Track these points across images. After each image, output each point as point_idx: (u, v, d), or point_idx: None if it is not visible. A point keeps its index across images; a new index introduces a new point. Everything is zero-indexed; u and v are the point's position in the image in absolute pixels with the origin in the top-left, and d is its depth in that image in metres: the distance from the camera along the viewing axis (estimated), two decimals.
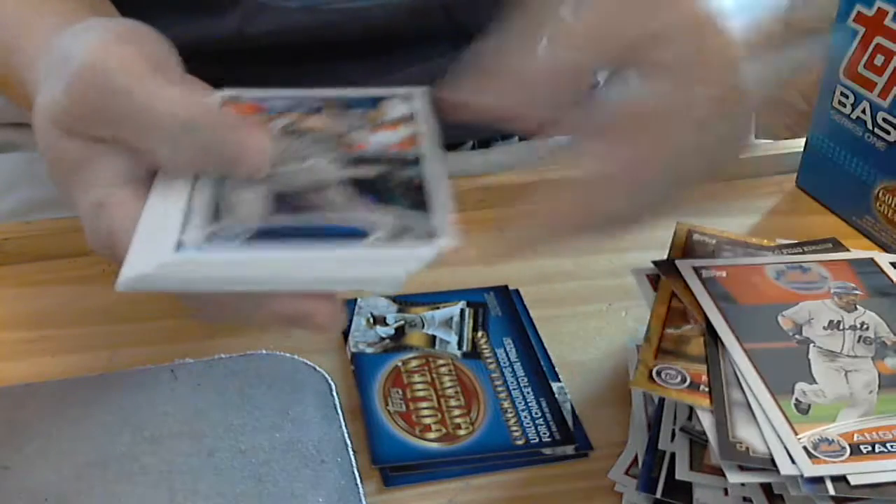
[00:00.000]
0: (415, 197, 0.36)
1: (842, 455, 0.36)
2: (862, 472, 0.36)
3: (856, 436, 0.37)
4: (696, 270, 0.45)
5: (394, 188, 0.36)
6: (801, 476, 0.35)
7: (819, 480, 0.35)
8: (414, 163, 0.37)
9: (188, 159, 0.36)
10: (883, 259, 0.47)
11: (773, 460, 0.36)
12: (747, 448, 0.36)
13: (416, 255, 0.33)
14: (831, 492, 0.35)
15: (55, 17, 0.43)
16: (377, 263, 0.33)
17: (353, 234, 0.34)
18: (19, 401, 0.44)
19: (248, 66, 0.36)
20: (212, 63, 0.40)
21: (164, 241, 0.34)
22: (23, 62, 0.43)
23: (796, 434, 0.37)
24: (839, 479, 0.35)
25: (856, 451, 0.36)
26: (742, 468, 0.36)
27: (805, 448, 0.36)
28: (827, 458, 0.36)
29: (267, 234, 0.34)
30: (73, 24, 0.39)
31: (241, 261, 0.33)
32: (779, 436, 0.37)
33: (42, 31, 0.42)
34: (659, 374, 0.40)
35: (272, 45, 0.57)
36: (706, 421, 0.38)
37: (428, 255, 0.33)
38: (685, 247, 0.48)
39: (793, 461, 0.36)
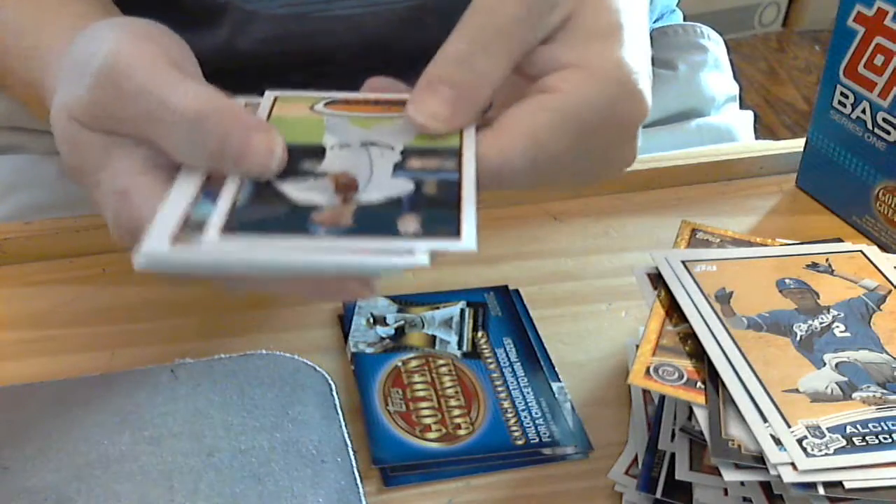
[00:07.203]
0: (447, 192, 0.35)
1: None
2: (852, 468, 0.36)
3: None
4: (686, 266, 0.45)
5: (429, 184, 0.35)
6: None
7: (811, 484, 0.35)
8: (452, 154, 0.36)
9: (199, 156, 0.35)
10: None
11: (763, 458, 0.36)
12: (739, 446, 0.36)
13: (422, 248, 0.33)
14: (821, 492, 0.35)
15: (71, 19, 0.43)
16: (378, 252, 0.32)
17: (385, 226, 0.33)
18: (19, 401, 0.44)
19: (239, 80, 0.35)
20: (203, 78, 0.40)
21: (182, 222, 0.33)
22: (39, 66, 0.43)
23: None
24: (834, 485, 0.35)
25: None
26: (738, 466, 0.36)
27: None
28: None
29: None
30: (90, 25, 0.39)
31: (256, 245, 0.32)
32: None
33: (57, 34, 0.42)
34: (656, 370, 0.40)
35: (264, 55, 0.56)
36: (701, 418, 0.38)
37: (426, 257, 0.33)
38: (688, 246, 0.48)
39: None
